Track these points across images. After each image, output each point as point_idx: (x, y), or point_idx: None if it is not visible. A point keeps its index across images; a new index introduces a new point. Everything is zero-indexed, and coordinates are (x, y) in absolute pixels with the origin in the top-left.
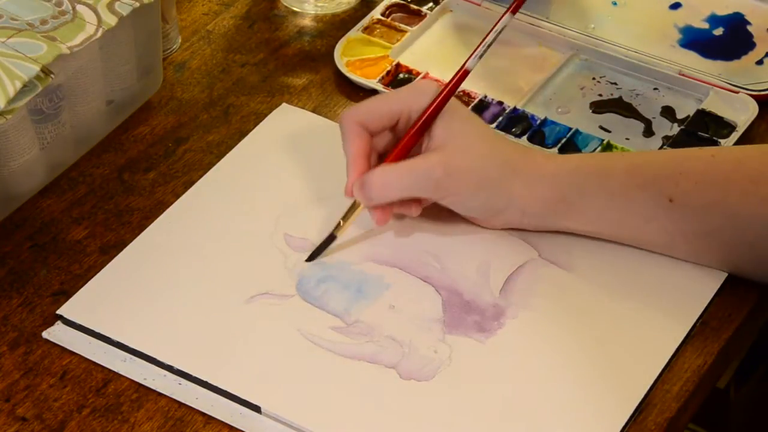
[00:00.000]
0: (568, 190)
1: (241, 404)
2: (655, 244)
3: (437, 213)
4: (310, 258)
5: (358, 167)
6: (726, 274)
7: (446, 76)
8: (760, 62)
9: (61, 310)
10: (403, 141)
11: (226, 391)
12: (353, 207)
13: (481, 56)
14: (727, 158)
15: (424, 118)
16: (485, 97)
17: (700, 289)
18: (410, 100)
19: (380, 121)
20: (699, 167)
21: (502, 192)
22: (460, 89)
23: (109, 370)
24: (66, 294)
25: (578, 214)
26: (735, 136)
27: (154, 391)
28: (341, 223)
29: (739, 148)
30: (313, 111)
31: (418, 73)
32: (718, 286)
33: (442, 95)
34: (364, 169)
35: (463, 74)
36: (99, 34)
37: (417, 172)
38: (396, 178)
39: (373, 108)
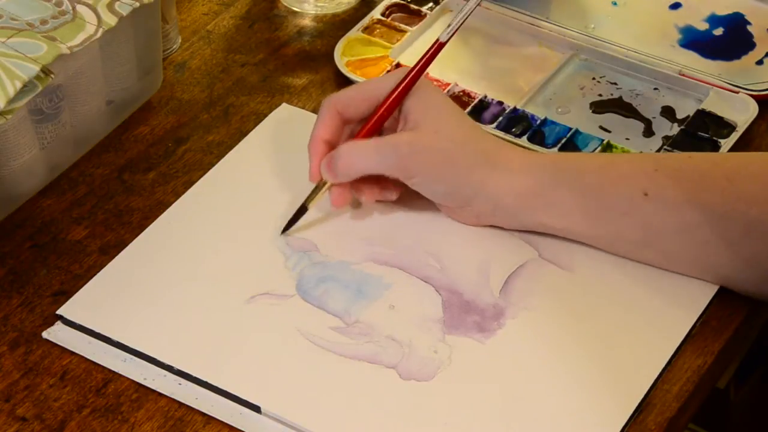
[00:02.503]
0: (542, 183)
1: (241, 404)
2: (630, 241)
3: (437, 213)
4: (284, 230)
5: (319, 150)
6: None
7: (446, 76)
8: (760, 62)
9: (61, 310)
10: (375, 116)
11: (226, 391)
12: (318, 187)
13: (454, 31)
14: (704, 158)
15: (395, 93)
16: (485, 97)
17: (700, 288)
18: (385, 85)
19: (357, 107)
20: (675, 164)
21: (471, 180)
22: (460, 89)
23: (109, 370)
24: (66, 294)
25: (552, 207)
26: (735, 136)
27: (154, 391)
28: (309, 199)
29: (716, 153)
30: (313, 111)
31: None
32: (718, 286)
33: (416, 69)
34: (324, 153)
35: (436, 48)
36: (99, 34)
37: (383, 149)
38: (362, 153)
39: (351, 94)
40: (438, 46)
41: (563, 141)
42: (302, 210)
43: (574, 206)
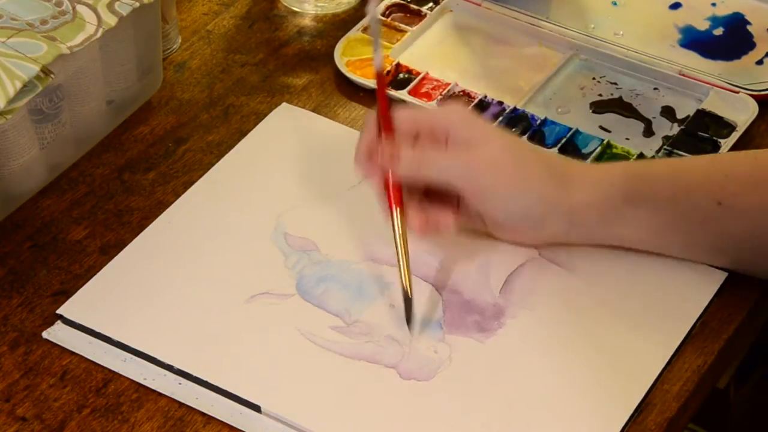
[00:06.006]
0: (616, 195)
1: (241, 404)
2: (702, 248)
3: None
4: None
5: (371, 132)
6: (726, 274)
7: (446, 76)
8: (760, 62)
9: (61, 310)
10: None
11: (226, 391)
12: (403, 263)
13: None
14: None
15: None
16: (485, 97)
17: (699, 289)
18: (438, 118)
19: (406, 123)
20: (744, 169)
21: (546, 198)
22: (460, 89)
23: (109, 370)
24: (66, 294)
25: (626, 220)
26: (735, 136)
27: (154, 391)
28: (403, 279)
29: None
30: (313, 111)
31: (418, 73)
32: (718, 286)
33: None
34: (374, 135)
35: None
36: (99, 34)
37: (460, 157)
38: (436, 154)
39: (405, 110)
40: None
41: (563, 141)
42: (409, 301)
43: (649, 218)
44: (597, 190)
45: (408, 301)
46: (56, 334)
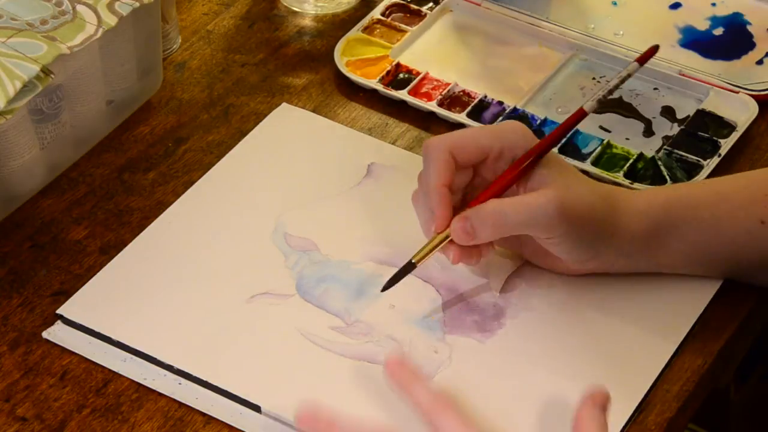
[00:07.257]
0: (660, 223)
1: (241, 404)
2: (744, 267)
3: None
4: (385, 287)
5: (446, 200)
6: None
7: (446, 76)
8: (760, 62)
9: (61, 310)
10: (505, 178)
11: (226, 391)
12: (432, 242)
13: (600, 99)
14: None
15: (531, 159)
16: (485, 97)
17: (700, 289)
18: (504, 139)
19: (470, 154)
20: None
21: (606, 230)
22: (460, 89)
23: (109, 370)
24: (66, 294)
25: (671, 248)
26: (735, 136)
27: (154, 391)
28: (422, 255)
29: None
30: (313, 111)
31: (418, 73)
32: (719, 286)
33: (553, 135)
34: (450, 203)
35: (577, 116)
36: (99, 34)
37: (533, 208)
38: (513, 214)
39: (464, 139)
40: (580, 114)
41: (563, 141)
42: (409, 267)
43: (692, 244)
44: (641, 220)
45: (409, 266)
46: (56, 334)
